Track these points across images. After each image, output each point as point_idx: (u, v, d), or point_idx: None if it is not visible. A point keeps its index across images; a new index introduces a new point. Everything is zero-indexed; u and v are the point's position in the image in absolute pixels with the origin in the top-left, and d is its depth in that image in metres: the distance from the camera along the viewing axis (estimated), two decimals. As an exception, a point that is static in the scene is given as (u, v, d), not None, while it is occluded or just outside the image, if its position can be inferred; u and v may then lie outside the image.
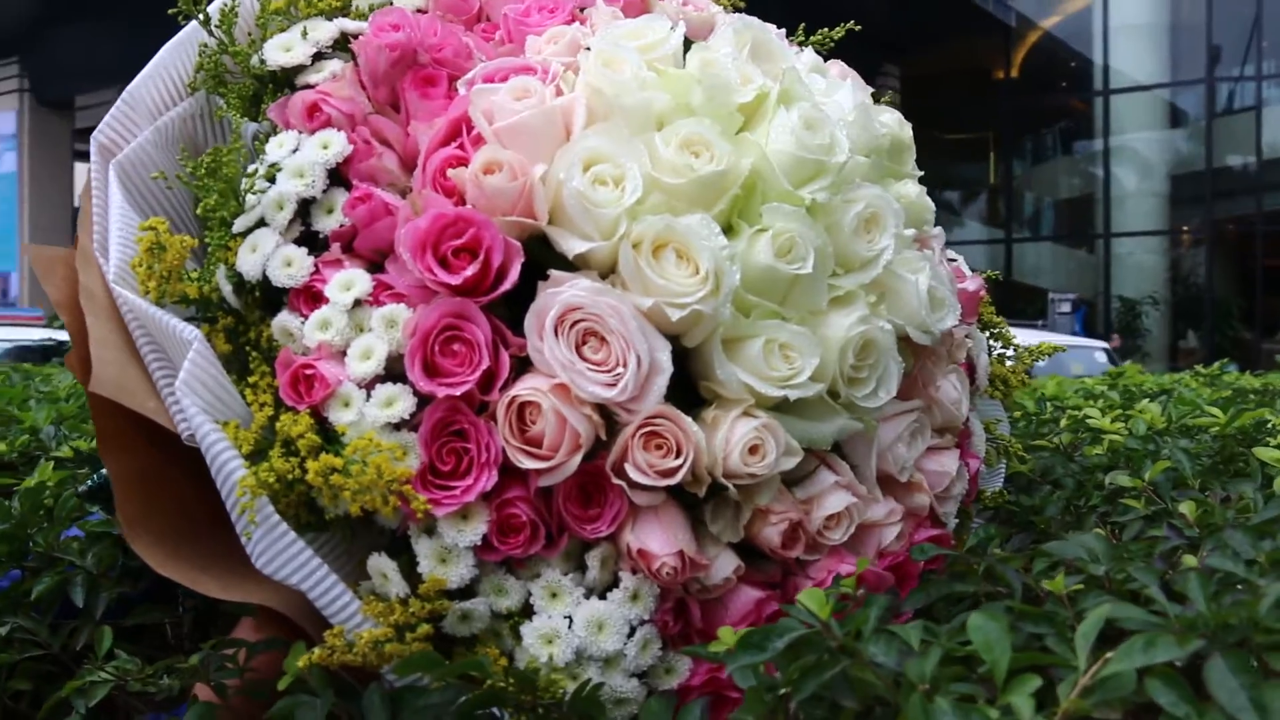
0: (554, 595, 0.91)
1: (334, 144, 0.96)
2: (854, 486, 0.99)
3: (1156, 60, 18.93)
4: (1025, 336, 1.74)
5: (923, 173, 1.13)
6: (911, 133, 1.13)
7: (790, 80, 1.00)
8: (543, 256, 0.93)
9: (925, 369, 1.07)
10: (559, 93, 0.98)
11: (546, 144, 0.94)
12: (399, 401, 0.88)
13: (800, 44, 1.31)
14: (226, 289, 0.94)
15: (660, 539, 0.90)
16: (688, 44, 1.04)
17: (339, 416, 0.88)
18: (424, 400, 0.89)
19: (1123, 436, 1.77)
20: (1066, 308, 16.33)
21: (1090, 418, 1.94)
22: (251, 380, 0.91)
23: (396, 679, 0.86)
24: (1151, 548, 1.00)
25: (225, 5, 1.07)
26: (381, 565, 0.89)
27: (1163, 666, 0.68)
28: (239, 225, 0.96)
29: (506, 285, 0.89)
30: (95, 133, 1.07)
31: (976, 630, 0.71)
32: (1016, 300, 17.60)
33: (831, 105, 1.03)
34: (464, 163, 0.94)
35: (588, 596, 0.91)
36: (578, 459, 0.88)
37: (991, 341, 1.40)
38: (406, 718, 0.84)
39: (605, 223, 0.91)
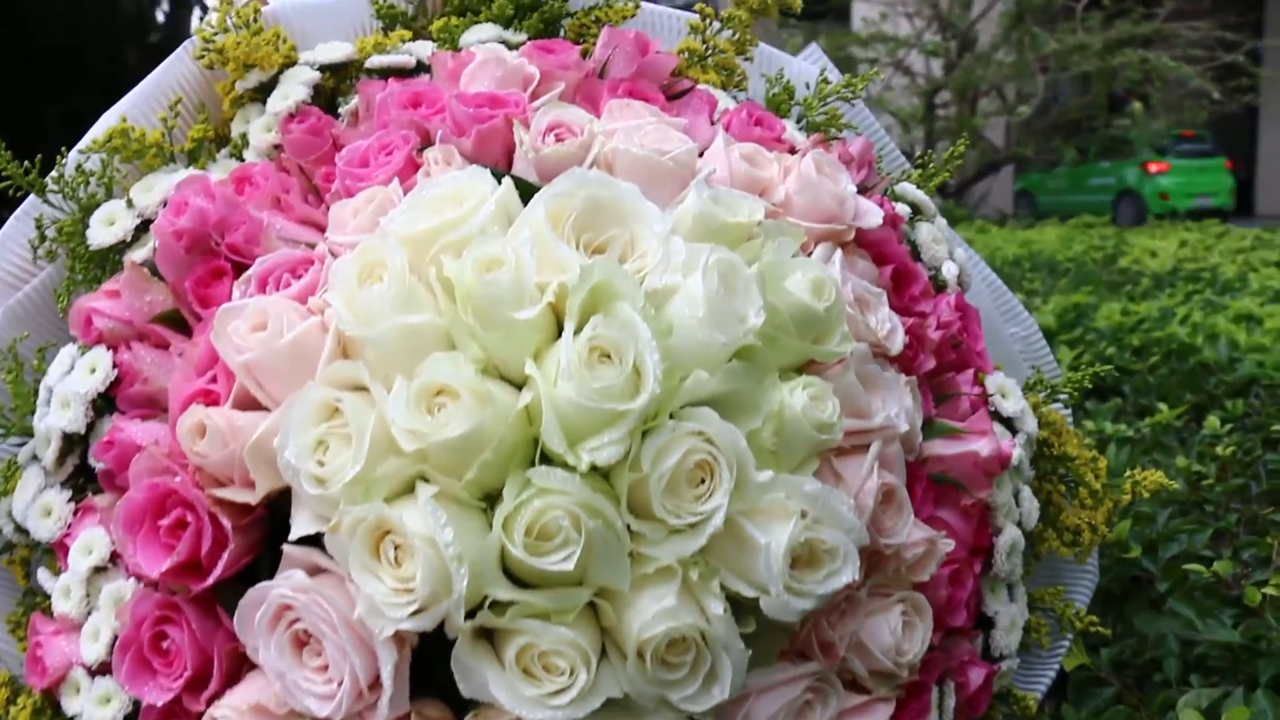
0: None
1: (100, 367, 0.86)
2: (686, 795, 0.79)
3: None
4: None
5: (852, 347, 0.83)
6: (837, 293, 0.83)
7: (603, 273, 0.76)
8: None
9: (821, 625, 0.82)
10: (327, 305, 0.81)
11: (300, 383, 0.78)
12: (114, 700, 0.79)
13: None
14: (8, 529, 0.88)
15: None
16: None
17: (69, 705, 0.81)
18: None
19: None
20: None
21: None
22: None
23: None
24: None
25: (60, 173, 0.97)
26: None
27: None
28: (21, 457, 0.89)
29: (209, 580, 0.76)
30: None
31: None
32: None
33: (679, 297, 0.78)
34: (214, 402, 0.81)
35: None
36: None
37: (1064, 479, 1.07)
38: None
39: (329, 502, 0.74)
